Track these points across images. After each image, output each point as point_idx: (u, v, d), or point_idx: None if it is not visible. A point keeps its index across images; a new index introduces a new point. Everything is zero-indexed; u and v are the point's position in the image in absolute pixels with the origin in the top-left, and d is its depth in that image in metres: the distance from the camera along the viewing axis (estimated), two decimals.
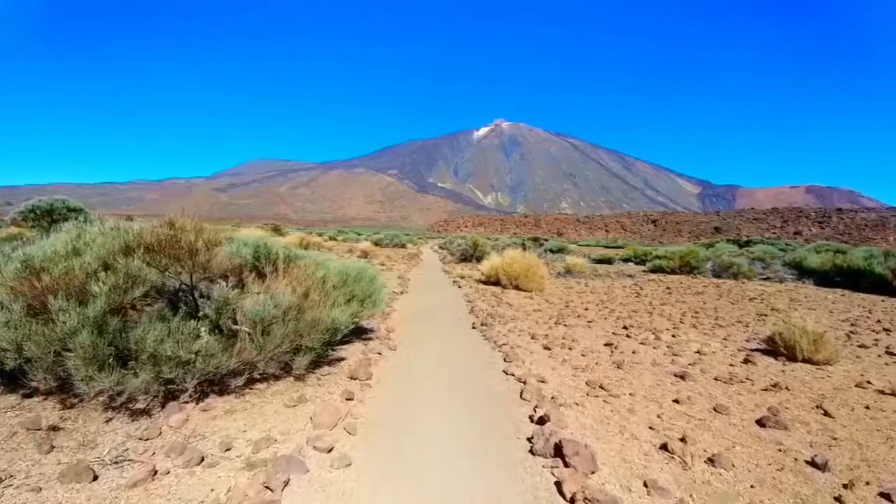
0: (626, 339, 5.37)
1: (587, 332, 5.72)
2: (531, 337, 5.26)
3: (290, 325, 3.09)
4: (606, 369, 4.04)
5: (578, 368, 3.99)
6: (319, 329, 3.26)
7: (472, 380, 3.60)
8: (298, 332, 3.17)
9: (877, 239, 63.52)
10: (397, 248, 28.14)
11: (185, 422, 2.64)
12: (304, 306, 3.33)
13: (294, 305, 3.26)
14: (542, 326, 6.02)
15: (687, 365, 4.38)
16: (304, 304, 3.34)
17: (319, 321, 3.27)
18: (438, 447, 2.43)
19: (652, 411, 3.04)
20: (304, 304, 3.34)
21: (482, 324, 5.94)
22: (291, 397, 2.97)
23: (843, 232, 71.62)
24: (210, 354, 2.72)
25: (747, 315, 7.73)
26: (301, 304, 3.33)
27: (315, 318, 3.26)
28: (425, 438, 2.52)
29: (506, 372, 3.75)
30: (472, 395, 3.22)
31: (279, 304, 3.20)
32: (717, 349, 5.13)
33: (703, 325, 6.61)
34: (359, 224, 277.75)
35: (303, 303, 3.34)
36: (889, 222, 71.58)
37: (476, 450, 2.41)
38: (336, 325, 3.36)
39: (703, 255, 17.87)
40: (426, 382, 3.46)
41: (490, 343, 4.91)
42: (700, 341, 5.48)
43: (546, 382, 3.51)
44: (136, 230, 3.17)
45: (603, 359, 4.40)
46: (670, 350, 4.90)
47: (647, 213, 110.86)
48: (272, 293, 3.35)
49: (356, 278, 4.42)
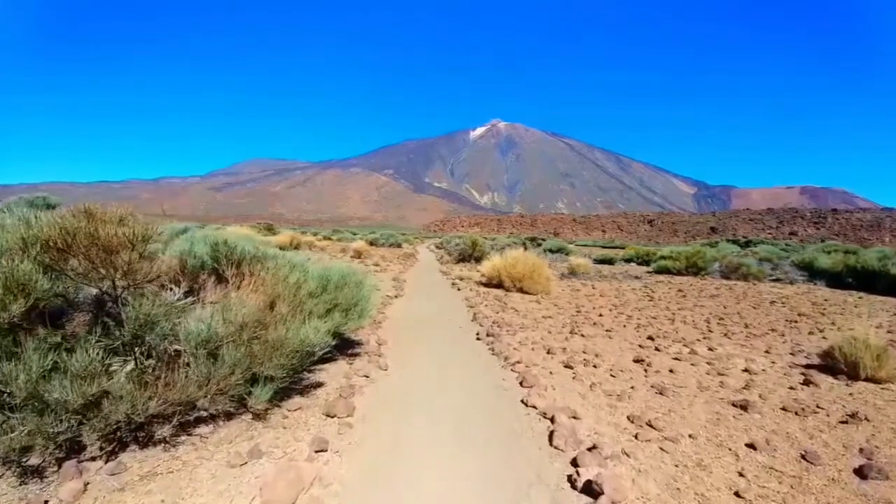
0: (657, 354, 4.62)
1: (609, 345, 4.96)
2: (547, 351, 4.49)
3: (241, 350, 2.29)
4: (647, 396, 3.28)
5: (613, 395, 3.22)
6: (285, 352, 2.46)
7: (484, 415, 2.82)
8: (255, 357, 2.37)
9: (872, 240, 63.59)
10: (393, 247, 27.31)
11: (81, 494, 1.84)
12: (266, 321, 2.54)
13: (252, 322, 2.47)
14: (557, 337, 5.26)
15: (740, 388, 3.63)
16: (266, 319, 2.54)
17: (285, 342, 2.47)
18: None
19: (728, 465, 2.28)
20: (268, 318, 2.54)
21: (488, 334, 5.17)
22: (240, 451, 2.17)
23: (838, 233, 71.76)
24: (119, 397, 1.92)
25: (777, 322, 7.02)
26: (263, 319, 2.53)
27: (280, 339, 2.47)
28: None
29: (525, 402, 2.97)
30: (486, 442, 2.44)
31: (232, 319, 2.40)
32: (765, 366, 4.39)
33: (735, 334, 5.88)
34: (355, 224, 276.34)
35: (266, 317, 2.54)
36: (885, 223, 71.79)
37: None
38: (307, 346, 2.56)
39: (711, 256, 17.24)
40: (425, 421, 2.67)
41: (500, 359, 4.13)
42: (741, 355, 4.74)
43: (579, 419, 2.73)
44: (35, 222, 2.36)
45: (638, 381, 3.64)
46: (712, 368, 4.15)
47: (644, 213, 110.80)
48: (225, 305, 2.55)
49: (339, 284, 3.62)
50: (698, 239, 68.63)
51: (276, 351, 2.41)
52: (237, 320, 2.46)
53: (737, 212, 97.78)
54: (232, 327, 2.30)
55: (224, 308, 2.54)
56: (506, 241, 31.68)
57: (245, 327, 2.47)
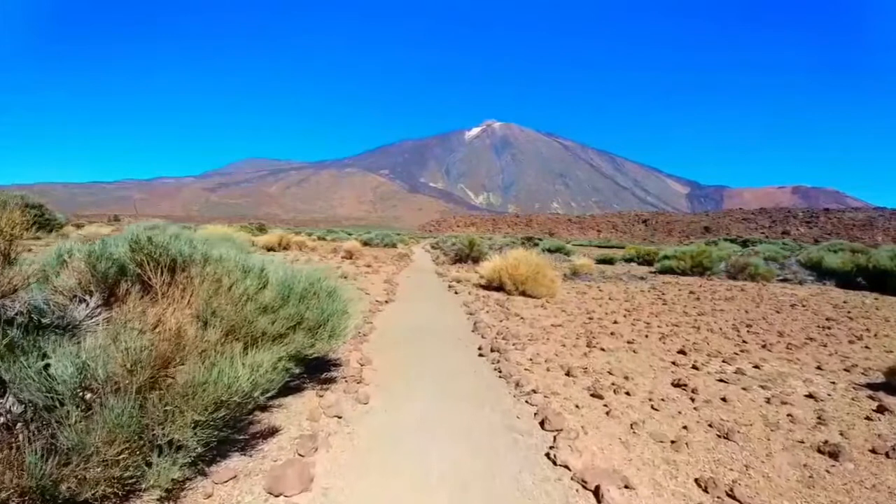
0: (696, 374, 3.85)
1: (636, 361, 4.18)
2: (565, 372, 3.69)
3: (128, 403, 1.47)
4: (708, 443, 2.49)
5: (665, 442, 2.43)
6: (201, 404, 1.63)
7: (498, 482, 2.01)
8: (151, 414, 1.55)
9: (865, 239, 63.82)
10: (388, 248, 26.43)
11: None
12: (173, 357, 1.71)
13: (152, 357, 1.64)
14: (574, 352, 4.47)
15: (814, 425, 2.86)
16: (173, 353, 1.71)
17: (201, 389, 1.64)
18: None
19: None
20: (176, 351, 1.71)
21: (492, 349, 4.37)
22: None
23: (830, 232, 72.05)
24: None
25: (808, 328, 6.32)
26: (168, 354, 1.70)
27: (195, 384, 1.64)
28: None
29: (553, 460, 2.15)
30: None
31: (114, 357, 1.58)
32: (825, 388, 3.64)
33: (773, 344, 5.14)
34: (350, 224, 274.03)
35: (171, 350, 1.72)
36: (877, 222, 72.21)
37: None
38: (237, 394, 1.72)
39: (717, 256, 16.63)
40: (414, 499, 1.86)
41: (509, 385, 3.33)
42: (794, 374, 3.98)
43: (632, 488, 1.94)
44: None
45: (688, 416, 2.86)
46: (770, 394, 3.38)
47: (639, 213, 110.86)
48: (115, 330, 1.73)
49: (305, 294, 2.79)
50: (692, 238, 68.56)
51: (186, 404, 1.58)
52: (132, 354, 1.63)
53: (730, 211, 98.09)
54: (106, 371, 1.47)
55: (115, 334, 1.70)
56: (503, 240, 30.91)
57: (138, 366, 1.64)
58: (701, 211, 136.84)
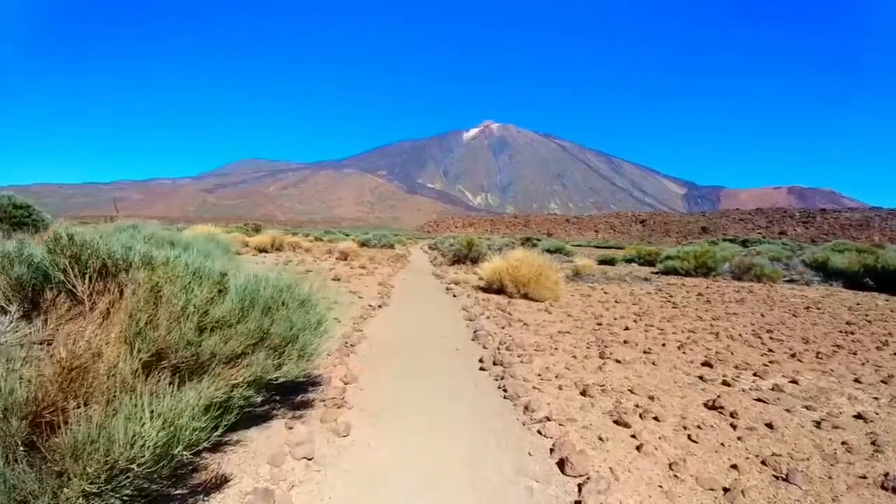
0: (727, 390, 3.37)
1: (658, 376, 3.70)
2: (581, 392, 3.20)
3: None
4: (768, 489, 2.00)
5: (716, 491, 1.95)
6: (91, 471, 1.14)
7: None
8: (25, 488, 1.05)
9: (861, 238, 63.77)
10: (385, 248, 25.89)
11: None
12: (64, 397, 1.21)
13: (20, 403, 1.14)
14: (587, 364, 3.98)
15: (872, 453, 2.40)
16: (66, 391, 1.21)
17: (90, 448, 1.15)
18: None
19: None
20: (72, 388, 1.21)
21: (495, 362, 3.87)
22: None
23: (827, 232, 72.07)
24: None
25: (831, 334, 5.87)
26: (56, 393, 1.20)
27: (75, 442, 1.14)
28: None
29: None
30: None
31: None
32: (870, 404, 3.18)
33: (801, 353, 4.68)
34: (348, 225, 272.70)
35: (64, 387, 1.22)
36: (874, 222, 72.29)
37: None
38: (144, 453, 1.22)
39: (720, 256, 16.23)
40: None
41: (517, 409, 2.84)
42: (832, 388, 3.51)
43: None
44: None
45: (734, 450, 2.38)
46: (814, 413, 2.92)
47: (636, 213, 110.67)
48: None
49: (270, 304, 2.29)
50: (689, 239, 68.33)
51: (76, 466, 1.08)
52: None
53: (727, 212, 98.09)
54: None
55: None
56: (501, 241, 30.42)
57: (10, 413, 1.14)
58: (698, 211, 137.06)
